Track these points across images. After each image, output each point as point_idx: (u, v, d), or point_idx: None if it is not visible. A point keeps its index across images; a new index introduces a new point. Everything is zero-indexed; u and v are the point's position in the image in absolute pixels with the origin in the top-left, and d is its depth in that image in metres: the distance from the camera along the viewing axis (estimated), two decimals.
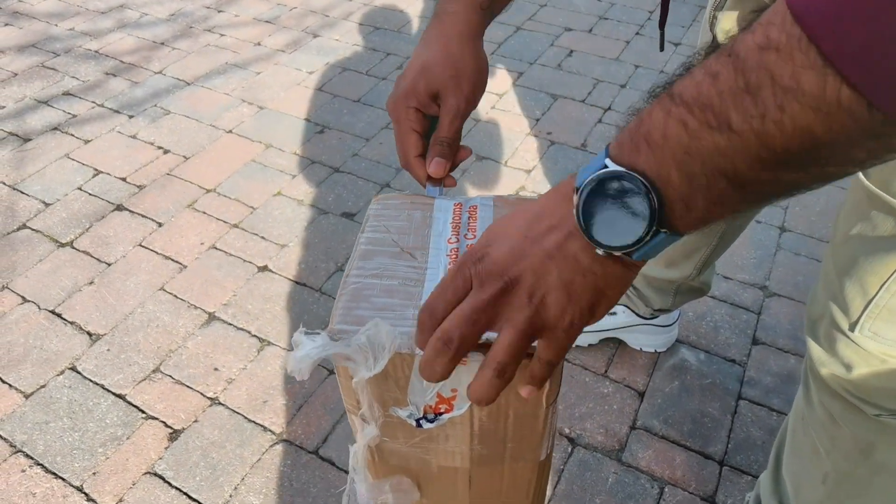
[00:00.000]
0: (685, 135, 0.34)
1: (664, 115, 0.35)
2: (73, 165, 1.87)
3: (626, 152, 0.37)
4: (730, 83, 0.31)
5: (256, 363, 1.37)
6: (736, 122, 0.32)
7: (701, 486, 1.17)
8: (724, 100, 0.32)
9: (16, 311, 1.47)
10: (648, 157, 0.36)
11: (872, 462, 0.73)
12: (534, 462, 0.60)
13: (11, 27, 2.50)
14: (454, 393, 0.53)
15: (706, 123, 0.33)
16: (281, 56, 2.35)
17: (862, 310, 0.64)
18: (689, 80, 0.34)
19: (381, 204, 0.64)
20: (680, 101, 0.34)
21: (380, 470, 0.64)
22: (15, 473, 1.19)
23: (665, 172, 0.35)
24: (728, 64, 0.31)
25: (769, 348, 1.40)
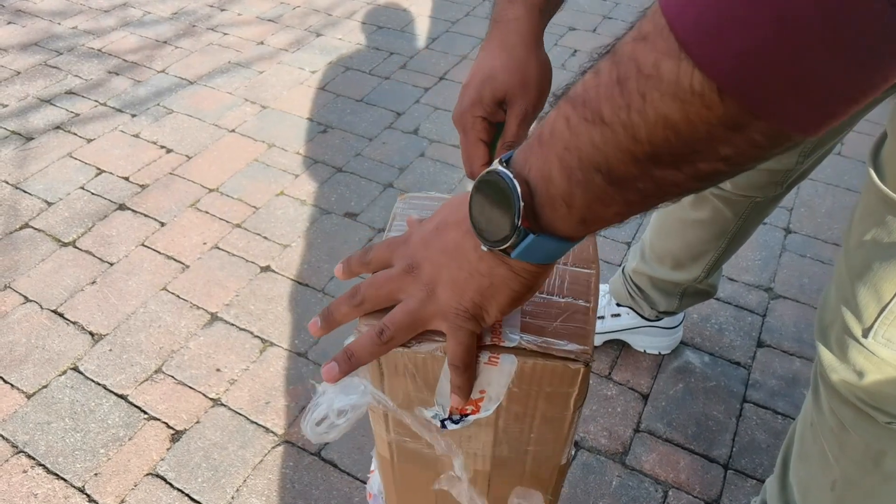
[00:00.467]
0: (567, 130, 0.34)
1: (555, 112, 0.36)
2: (76, 164, 1.86)
3: (522, 153, 0.39)
4: (606, 77, 0.32)
5: (259, 364, 1.36)
6: (607, 114, 0.32)
7: (705, 489, 1.16)
8: (599, 93, 0.32)
9: (18, 310, 1.46)
10: (538, 156, 0.37)
11: (882, 470, 0.72)
12: (554, 466, 0.60)
13: (14, 25, 2.50)
14: (482, 394, 0.53)
15: (584, 118, 0.33)
16: (284, 55, 2.35)
17: (876, 316, 0.63)
18: (580, 80, 0.34)
19: (406, 203, 0.64)
20: (567, 98, 0.35)
21: (398, 471, 0.64)
22: (17, 474, 1.18)
23: (548, 170, 0.36)
24: (609, 59, 0.32)
25: (774, 351, 1.39)
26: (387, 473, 0.66)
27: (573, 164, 0.35)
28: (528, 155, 0.38)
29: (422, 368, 0.51)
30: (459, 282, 0.44)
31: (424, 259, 0.45)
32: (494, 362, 0.50)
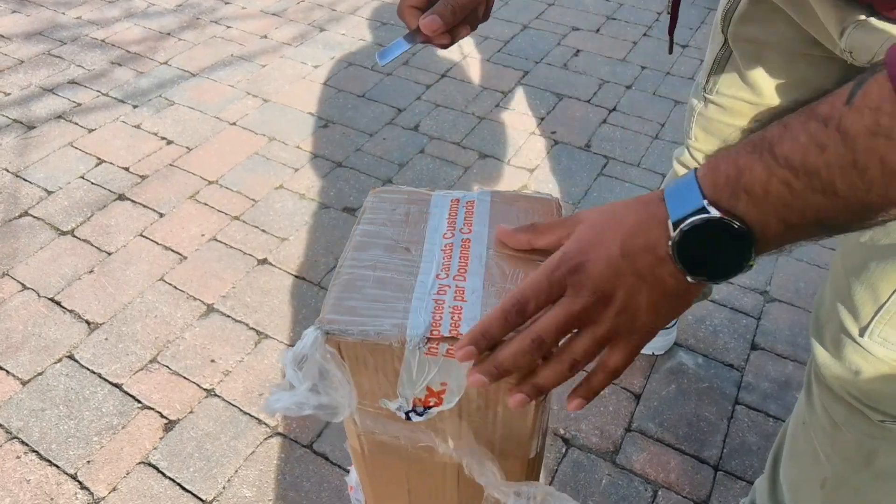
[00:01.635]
0: (788, 194, 0.38)
1: (766, 173, 0.38)
2: (77, 154, 1.87)
3: (726, 198, 0.40)
4: (838, 158, 0.35)
5: (253, 356, 1.37)
6: (841, 189, 0.36)
7: (695, 490, 1.17)
8: (831, 171, 0.36)
9: (15, 297, 1.47)
10: (749, 206, 0.39)
11: (873, 468, 0.73)
12: (523, 460, 0.60)
13: (19, 14, 2.50)
14: (444, 386, 0.53)
15: (810, 187, 0.37)
16: (287, 49, 2.35)
17: (872, 315, 0.64)
18: (792, 144, 0.37)
19: (377, 197, 0.63)
20: (785, 164, 0.37)
21: (370, 463, 0.64)
22: (10, 460, 1.19)
23: (764, 220, 0.39)
24: (836, 139, 0.35)
25: (768, 354, 1.39)
26: (360, 465, 0.66)
27: (794, 219, 0.39)
28: (734, 204, 0.40)
29: (384, 360, 0.51)
30: (657, 305, 0.45)
31: (618, 289, 0.44)
32: (453, 355, 0.50)
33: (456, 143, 1.94)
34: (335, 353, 0.51)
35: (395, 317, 0.51)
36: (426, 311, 0.51)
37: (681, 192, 0.42)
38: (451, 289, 0.53)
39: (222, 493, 1.15)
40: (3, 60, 2.24)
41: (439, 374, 0.51)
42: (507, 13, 2.57)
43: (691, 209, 0.41)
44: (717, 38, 0.89)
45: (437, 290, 0.53)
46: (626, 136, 1.98)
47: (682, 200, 0.42)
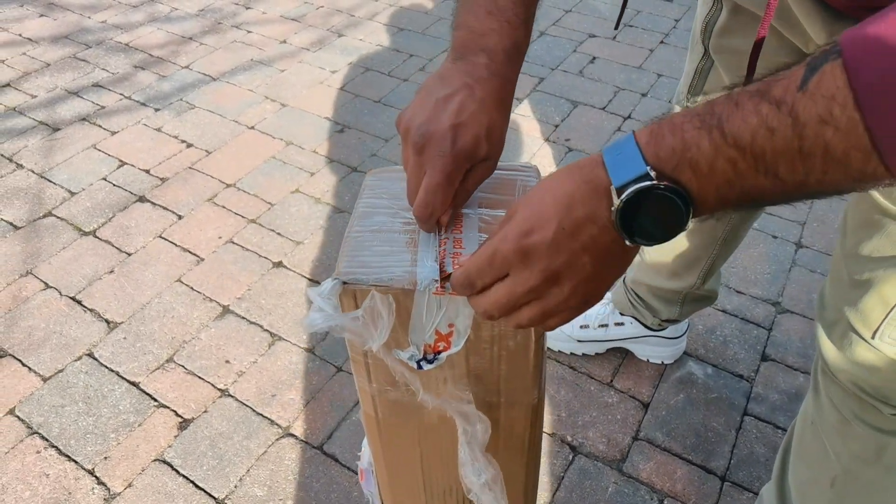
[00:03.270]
0: (732, 172, 0.39)
1: (713, 149, 0.39)
2: (100, 156, 1.91)
3: (669, 169, 0.41)
4: (786, 143, 0.36)
5: (267, 357, 1.39)
6: (783, 172, 0.37)
7: (701, 500, 1.17)
8: (777, 155, 0.37)
9: (38, 296, 1.51)
10: (691, 180, 0.40)
11: (884, 462, 0.74)
12: (527, 407, 0.64)
13: (46, 18, 2.57)
14: (451, 328, 0.56)
15: (755, 168, 0.38)
16: (305, 54, 2.39)
17: (882, 319, 0.65)
18: (742, 124, 0.37)
19: (375, 177, 0.67)
20: (732, 143, 0.38)
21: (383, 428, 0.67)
22: (30, 454, 1.23)
23: (704, 194, 0.41)
24: (787, 124, 0.36)
25: (778, 365, 1.39)
26: (373, 433, 0.69)
27: (731, 195, 0.40)
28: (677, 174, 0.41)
29: (398, 306, 0.55)
30: (601, 272, 0.46)
31: (563, 265, 0.45)
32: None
33: None
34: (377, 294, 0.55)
35: (404, 266, 0.55)
36: (431, 259, 0.56)
37: (622, 157, 0.42)
38: (450, 240, 0.57)
39: (234, 492, 1.18)
40: (30, 63, 2.30)
41: (446, 314, 0.55)
42: None
43: (634, 175, 0.41)
44: (696, 48, 0.89)
45: (438, 242, 0.57)
46: None
47: (624, 166, 0.42)
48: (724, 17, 0.81)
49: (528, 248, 0.45)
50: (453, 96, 0.56)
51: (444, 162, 0.54)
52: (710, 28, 0.84)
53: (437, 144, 0.54)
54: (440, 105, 0.55)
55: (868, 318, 0.66)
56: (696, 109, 0.40)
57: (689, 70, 0.93)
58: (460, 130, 0.55)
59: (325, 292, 0.53)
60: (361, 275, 0.54)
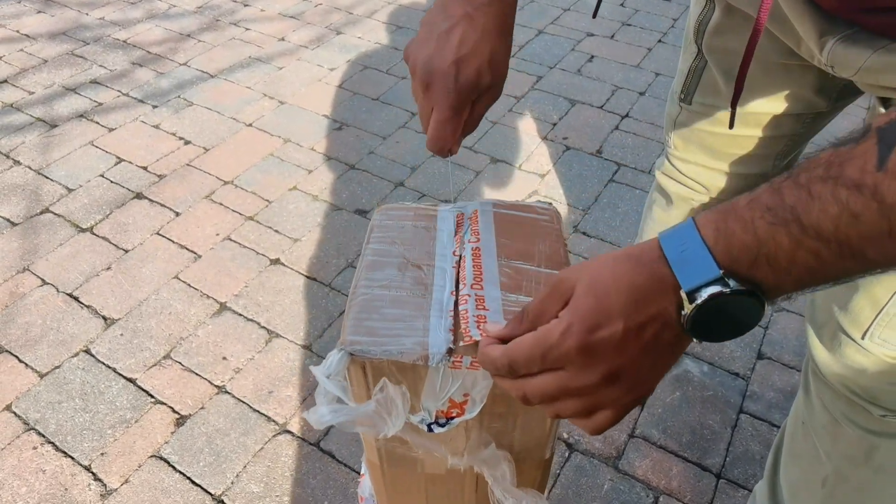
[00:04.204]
0: (815, 262, 0.37)
1: (793, 244, 0.36)
2: (97, 153, 1.91)
3: (743, 267, 0.38)
4: (873, 227, 0.34)
5: (264, 354, 1.40)
6: (871, 255, 0.36)
7: (696, 497, 1.18)
8: (864, 240, 0.35)
9: (35, 292, 1.51)
10: (768, 275, 0.38)
11: (873, 463, 0.74)
12: (539, 461, 0.62)
13: (44, 14, 2.56)
14: (466, 398, 0.54)
15: (839, 255, 0.36)
16: (304, 52, 2.38)
17: (872, 320, 0.65)
18: (822, 214, 0.35)
19: (384, 214, 0.65)
20: (815, 235, 0.36)
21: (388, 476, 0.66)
22: (27, 450, 1.23)
23: (781, 287, 0.39)
24: (872, 208, 0.34)
25: (774, 363, 1.39)
26: (377, 479, 0.68)
27: (812, 282, 0.38)
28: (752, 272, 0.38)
29: (408, 376, 0.53)
30: (658, 368, 0.44)
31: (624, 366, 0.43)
32: (476, 367, 0.51)
33: (468, 147, 1.96)
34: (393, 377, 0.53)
35: (416, 335, 0.52)
36: (444, 327, 0.53)
37: (689, 256, 0.39)
38: (472, 298, 0.54)
39: (231, 488, 1.18)
40: (28, 60, 2.30)
41: (462, 386, 0.53)
42: (522, 18, 2.59)
43: (706, 279, 0.39)
44: (689, 48, 0.88)
45: (452, 305, 0.55)
46: (637, 142, 1.98)
47: (694, 267, 0.39)
48: (717, 16, 0.81)
49: (594, 347, 0.42)
50: (454, 28, 0.57)
51: (450, 98, 0.57)
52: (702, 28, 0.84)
53: (442, 81, 0.56)
54: (442, 39, 0.57)
55: (858, 318, 0.66)
56: (763, 199, 0.38)
57: (682, 69, 0.93)
58: (462, 65, 0.57)
59: (332, 368, 0.51)
60: (369, 345, 0.51)
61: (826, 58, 0.62)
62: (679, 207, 1.05)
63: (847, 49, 0.60)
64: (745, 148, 0.90)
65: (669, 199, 1.06)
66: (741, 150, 0.90)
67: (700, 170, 0.97)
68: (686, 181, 1.00)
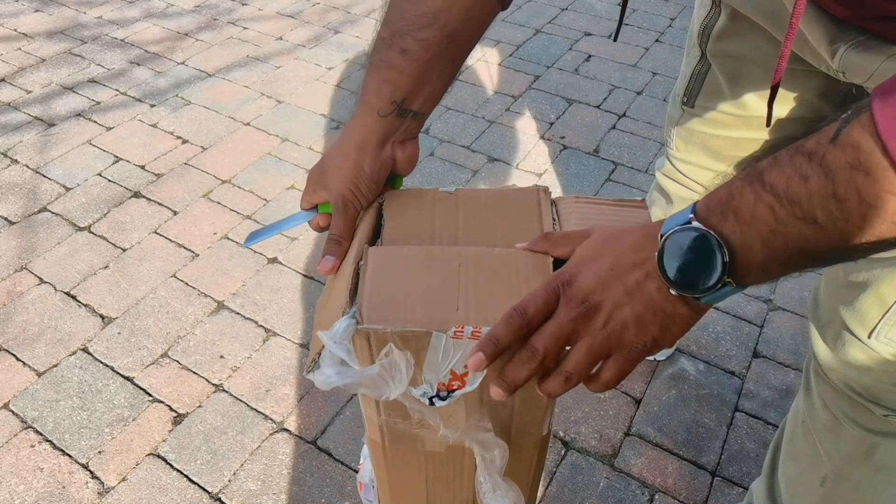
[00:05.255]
0: (772, 218, 0.40)
1: (754, 197, 0.41)
2: (95, 152, 1.91)
3: (715, 218, 0.43)
4: (819, 188, 0.38)
5: (261, 353, 1.40)
6: (821, 218, 0.39)
7: (691, 495, 1.18)
8: (812, 200, 0.38)
9: (33, 291, 1.51)
10: (735, 227, 0.42)
11: (873, 462, 0.74)
12: (537, 437, 0.63)
13: (42, 13, 2.56)
14: (467, 369, 0.55)
15: (793, 214, 0.39)
16: (301, 51, 2.39)
17: (879, 318, 0.66)
18: (779, 173, 0.40)
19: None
20: (770, 190, 0.40)
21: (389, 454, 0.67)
22: (24, 448, 1.23)
23: (748, 242, 0.42)
24: (818, 171, 0.38)
25: (769, 362, 1.40)
26: (378, 458, 0.68)
27: (776, 244, 0.41)
28: (721, 223, 0.43)
29: (411, 347, 0.54)
30: (643, 319, 0.46)
31: (604, 300, 0.47)
32: (477, 336, 0.52)
33: (465, 146, 1.96)
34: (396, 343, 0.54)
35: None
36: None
37: (678, 214, 0.45)
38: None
39: (228, 486, 1.18)
40: (26, 59, 2.30)
41: (463, 356, 0.54)
42: (520, 17, 2.59)
43: (679, 223, 0.44)
44: (693, 51, 0.89)
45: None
46: (634, 141, 1.99)
47: (675, 219, 0.45)
48: (723, 21, 0.81)
49: (575, 277, 0.48)
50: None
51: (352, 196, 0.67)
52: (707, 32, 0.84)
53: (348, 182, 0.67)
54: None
55: (865, 317, 0.67)
56: (745, 168, 0.43)
57: (685, 72, 0.93)
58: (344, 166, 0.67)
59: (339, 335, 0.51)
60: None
61: (837, 64, 0.63)
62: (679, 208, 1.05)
63: (859, 55, 0.60)
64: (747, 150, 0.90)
65: (669, 200, 1.06)
66: (743, 152, 0.91)
67: (701, 171, 0.97)
68: (687, 182, 1.00)
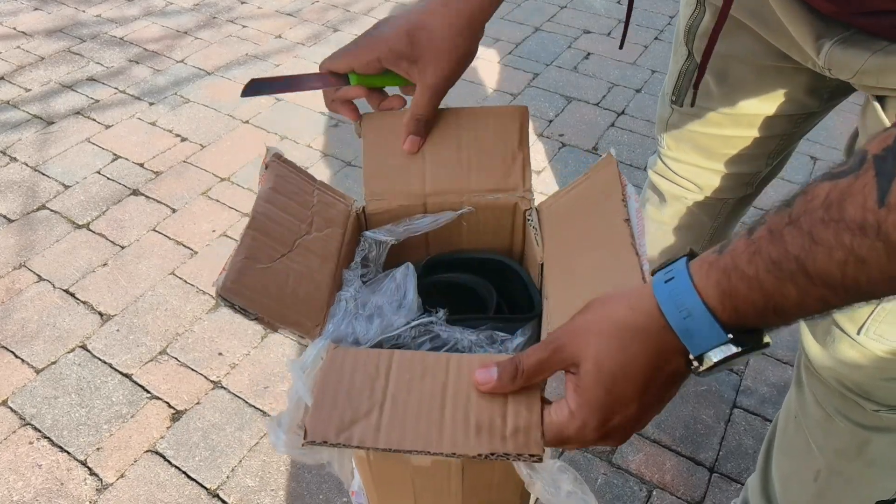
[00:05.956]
0: (823, 307, 0.36)
1: (800, 294, 0.36)
2: (94, 150, 1.91)
3: (752, 321, 0.38)
4: (881, 269, 0.33)
5: (259, 350, 1.40)
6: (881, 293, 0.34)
7: (689, 491, 1.18)
8: (873, 284, 0.34)
9: (31, 288, 1.52)
10: (776, 322, 0.38)
11: (865, 457, 0.75)
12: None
13: (41, 12, 2.56)
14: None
15: (845, 298, 0.35)
16: (301, 49, 2.39)
17: (868, 315, 0.66)
18: (827, 261, 0.34)
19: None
20: (822, 284, 0.35)
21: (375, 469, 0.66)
22: (23, 445, 1.23)
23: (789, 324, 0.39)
24: (878, 249, 0.32)
25: (767, 359, 1.40)
26: (364, 470, 0.68)
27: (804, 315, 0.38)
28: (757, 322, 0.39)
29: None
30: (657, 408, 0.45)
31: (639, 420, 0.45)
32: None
33: None
34: None
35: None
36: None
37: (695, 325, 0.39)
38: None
39: (226, 482, 1.18)
40: (25, 57, 2.30)
41: None
42: (519, 15, 2.59)
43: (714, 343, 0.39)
44: (680, 50, 0.89)
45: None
46: (633, 139, 1.99)
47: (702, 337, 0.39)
48: (708, 20, 0.81)
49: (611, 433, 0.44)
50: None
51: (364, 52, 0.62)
52: (693, 31, 0.84)
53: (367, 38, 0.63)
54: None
55: (854, 314, 0.67)
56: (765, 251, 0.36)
57: (673, 71, 0.93)
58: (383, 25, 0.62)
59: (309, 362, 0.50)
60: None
61: (823, 60, 0.63)
62: (672, 206, 1.05)
63: (844, 52, 0.60)
64: (738, 148, 0.90)
65: (663, 198, 1.06)
66: (734, 149, 0.91)
67: (693, 169, 0.98)
68: (679, 180, 1.01)
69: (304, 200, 0.63)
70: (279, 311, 0.52)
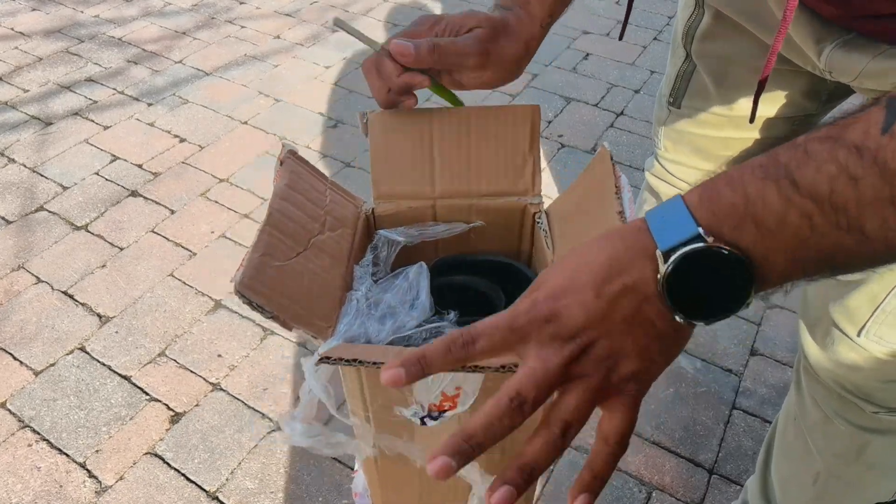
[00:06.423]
0: (807, 228, 0.33)
1: (783, 203, 0.33)
2: (92, 151, 1.91)
3: (727, 228, 0.35)
4: (874, 192, 0.31)
5: (259, 352, 1.40)
6: (870, 228, 0.32)
7: (689, 493, 1.18)
8: (862, 206, 0.32)
9: (30, 290, 1.51)
10: (755, 239, 0.34)
11: (865, 460, 0.75)
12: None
13: (39, 12, 2.56)
14: (458, 391, 0.54)
15: (835, 223, 0.32)
16: (299, 50, 2.38)
17: (869, 316, 0.66)
18: (817, 172, 0.32)
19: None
20: (806, 194, 0.33)
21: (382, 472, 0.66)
22: (21, 447, 1.23)
23: (771, 256, 0.35)
24: (873, 172, 0.31)
25: (767, 360, 1.40)
26: (371, 473, 0.68)
27: (806, 255, 0.34)
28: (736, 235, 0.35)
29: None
30: (647, 350, 0.38)
31: (601, 336, 0.38)
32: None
33: None
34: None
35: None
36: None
37: (668, 218, 0.37)
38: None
39: (225, 485, 1.18)
40: (23, 57, 2.30)
41: (454, 379, 0.53)
42: None
43: (684, 237, 0.35)
44: (678, 51, 0.88)
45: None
46: (632, 140, 1.99)
47: (672, 228, 0.36)
48: (707, 22, 0.81)
49: (558, 312, 0.38)
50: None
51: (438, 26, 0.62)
52: (691, 33, 0.84)
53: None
54: None
55: (854, 315, 0.67)
56: (756, 160, 0.35)
57: (670, 73, 0.93)
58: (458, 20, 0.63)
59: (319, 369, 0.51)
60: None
61: (824, 63, 0.63)
62: None
63: (845, 55, 0.60)
64: (736, 150, 0.90)
65: (660, 200, 1.06)
66: (731, 151, 0.91)
67: (690, 171, 0.98)
68: (676, 182, 1.01)
69: (317, 199, 0.63)
70: (294, 311, 0.52)
